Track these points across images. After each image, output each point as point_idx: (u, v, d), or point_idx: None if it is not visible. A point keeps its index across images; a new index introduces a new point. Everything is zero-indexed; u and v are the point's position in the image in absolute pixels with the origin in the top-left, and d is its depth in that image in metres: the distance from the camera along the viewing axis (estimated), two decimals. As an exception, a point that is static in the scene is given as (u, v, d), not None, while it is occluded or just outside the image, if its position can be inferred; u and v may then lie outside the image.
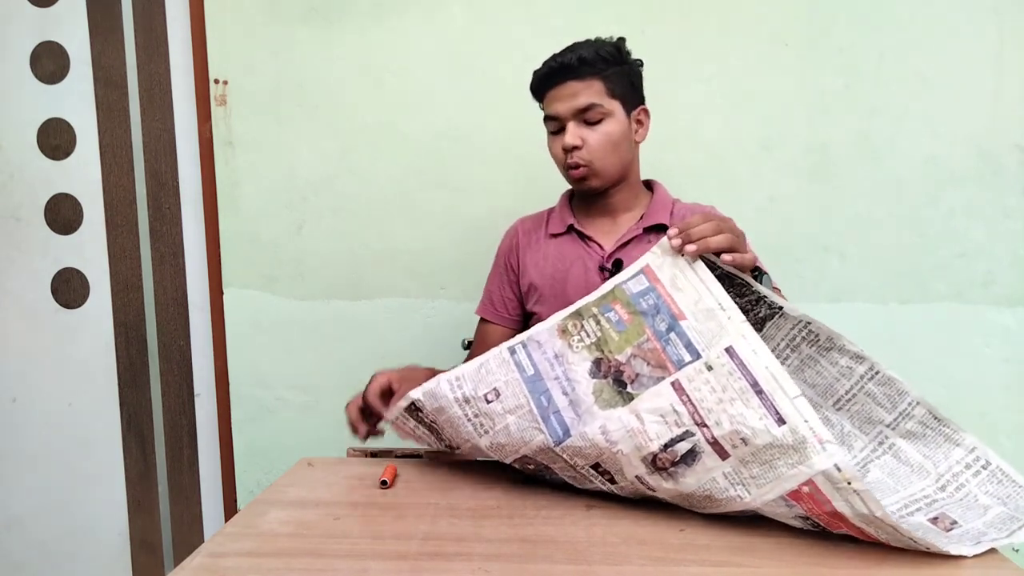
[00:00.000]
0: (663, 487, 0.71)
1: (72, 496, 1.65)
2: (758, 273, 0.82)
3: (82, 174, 1.59)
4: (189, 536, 1.66)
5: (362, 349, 1.55)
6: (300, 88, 1.51)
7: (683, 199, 1.17)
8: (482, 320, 1.22)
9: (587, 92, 1.04)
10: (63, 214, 1.60)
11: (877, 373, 0.74)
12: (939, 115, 1.41)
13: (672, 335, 0.72)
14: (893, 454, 0.74)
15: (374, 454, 1.01)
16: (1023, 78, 1.40)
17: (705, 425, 0.67)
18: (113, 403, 1.63)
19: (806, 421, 0.62)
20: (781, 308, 0.77)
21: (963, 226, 1.43)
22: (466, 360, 0.98)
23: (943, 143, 1.42)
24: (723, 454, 0.67)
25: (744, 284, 0.78)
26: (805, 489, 0.63)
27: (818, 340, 0.76)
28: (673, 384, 0.70)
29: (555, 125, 1.08)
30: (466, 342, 1.38)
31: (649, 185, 1.19)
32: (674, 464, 0.69)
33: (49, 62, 1.56)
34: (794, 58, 1.43)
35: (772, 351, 0.71)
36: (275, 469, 1.59)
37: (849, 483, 0.60)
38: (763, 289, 0.78)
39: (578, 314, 0.78)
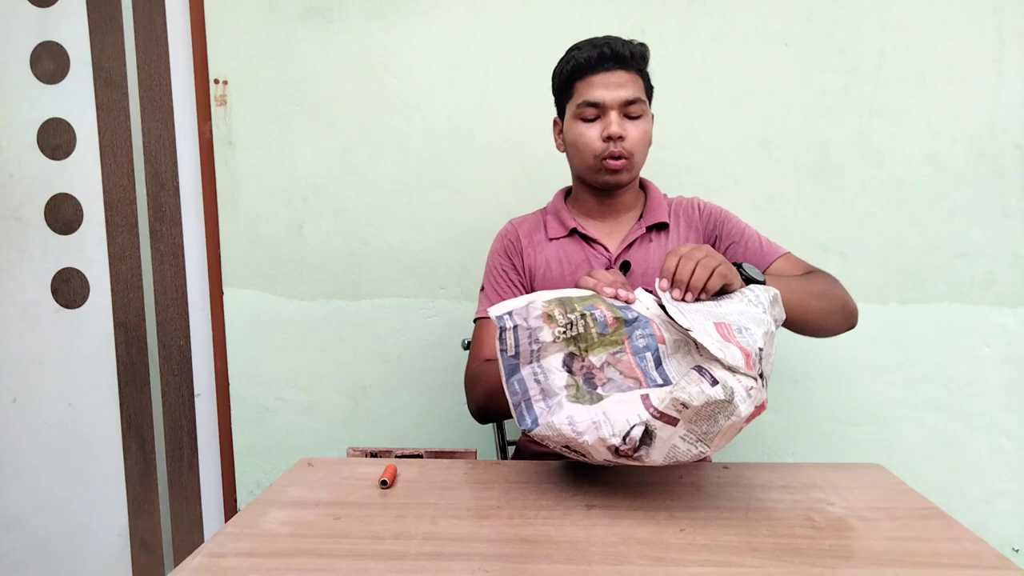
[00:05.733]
0: (632, 465, 0.76)
1: (72, 496, 1.65)
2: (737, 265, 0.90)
3: (82, 174, 1.59)
4: (189, 536, 1.66)
5: (362, 349, 1.55)
6: (300, 88, 1.51)
7: (683, 199, 1.17)
8: (484, 319, 1.12)
9: (633, 85, 1.03)
10: (63, 214, 1.60)
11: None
12: (939, 115, 1.42)
13: (648, 355, 0.78)
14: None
15: (374, 454, 1.01)
16: (1023, 78, 1.40)
17: (653, 407, 0.72)
18: (113, 403, 1.63)
19: (733, 373, 0.69)
20: None
21: (963, 226, 1.43)
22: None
23: (943, 143, 1.42)
24: (672, 421, 0.71)
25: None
26: (743, 426, 0.71)
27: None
28: (643, 397, 0.74)
29: (593, 112, 1.04)
30: (466, 343, 1.37)
31: (641, 184, 1.19)
32: (636, 450, 0.73)
33: (49, 62, 1.56)
34: (794, 58, 1.43)
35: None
36: (275, 469, 1.59)
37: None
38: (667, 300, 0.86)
39: (562, 303, 0.79)
